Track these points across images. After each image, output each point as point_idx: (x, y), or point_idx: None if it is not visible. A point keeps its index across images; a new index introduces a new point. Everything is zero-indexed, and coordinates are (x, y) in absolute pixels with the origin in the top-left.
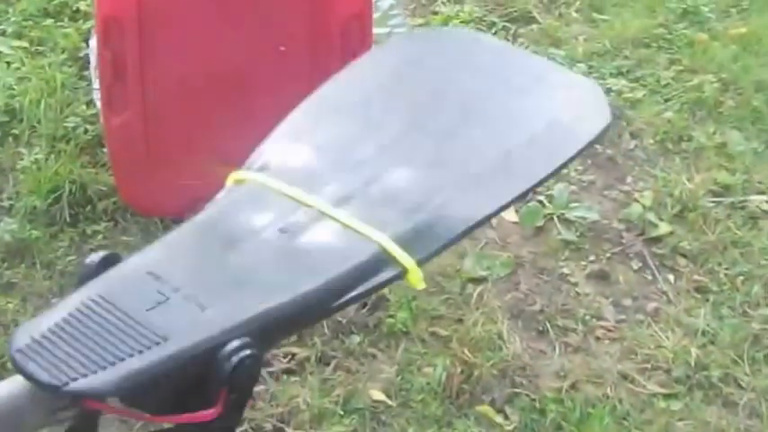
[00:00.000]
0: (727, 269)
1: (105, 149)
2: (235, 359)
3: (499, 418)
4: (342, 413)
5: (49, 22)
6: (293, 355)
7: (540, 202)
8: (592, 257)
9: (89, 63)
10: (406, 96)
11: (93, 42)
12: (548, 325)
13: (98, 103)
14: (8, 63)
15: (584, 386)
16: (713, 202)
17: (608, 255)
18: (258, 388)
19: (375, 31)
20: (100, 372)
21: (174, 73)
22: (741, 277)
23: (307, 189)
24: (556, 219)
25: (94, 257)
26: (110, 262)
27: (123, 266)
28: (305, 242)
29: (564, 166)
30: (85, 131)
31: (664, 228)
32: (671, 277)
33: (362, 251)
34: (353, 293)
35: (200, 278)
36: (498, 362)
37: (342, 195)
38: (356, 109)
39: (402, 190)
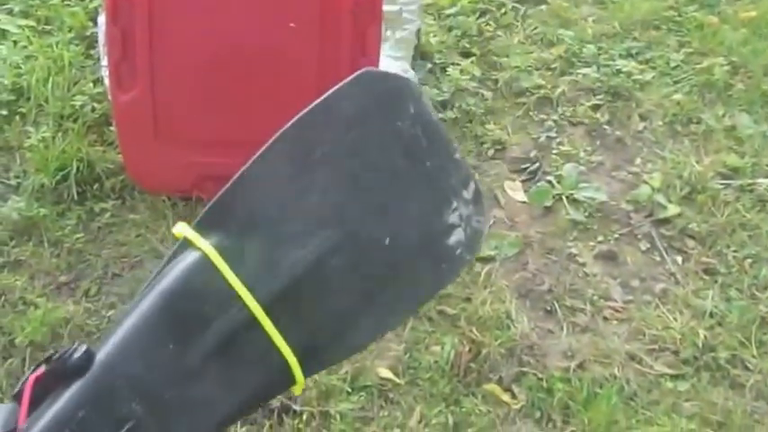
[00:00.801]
0: (735, 251)
1: (113, 128)
2: None
3: (506, 397)
4: (349, 390)
5: (56, 1)
6: None
7: (549, 182)
8: (600, 238)
9: (96, 42)
10: (342, 171)
11: (102, 19)
12: (556, 305)
13: (106, 81)
14: (15, 42)
15: (591, 366)
16: (722, 184)
17: (616, 236)
18: None
19: (385, 8)
20: None
21: (182, 50)
22: (749, 260)
23: (249, 279)
24: (564, 199)
25: (75, 355)
26: (88, 359)
27: (97, 377)
28: (235, 355)
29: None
30: (93, 110)
31: (672, 209)
32: (679, 259)
33: (276, 372)
34: (251, 407)
35: (154, 399)
36: (506, 341)
37: (274, 295)
38: (313, 179)
39: (316, 305)
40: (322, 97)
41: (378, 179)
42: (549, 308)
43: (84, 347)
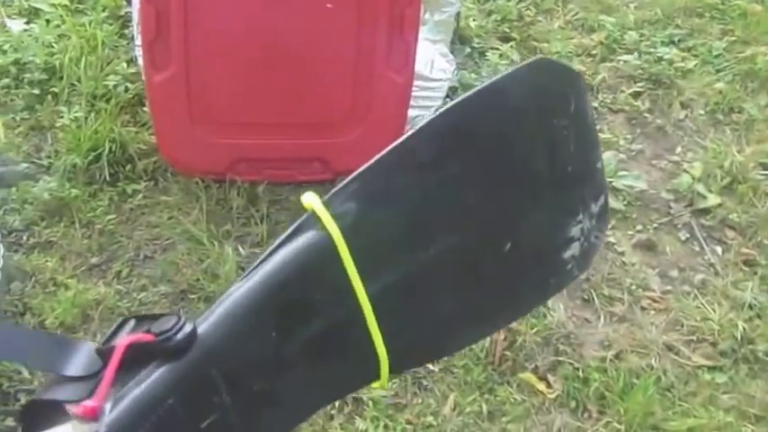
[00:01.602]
0: None
1: (146, 108)
2: None
3: (542, 386)
4: None
5: None
6: None
7: None
8: (639, 227)
9: (130, 21)
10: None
11: None
12: (593, 294)
13: (140, 61)
14: (48, 21)
15: (628, 356)
16: (763, 174)
17: (655, 225)
18: None
19: None
20: None
21: (218, 29)
22: None
23: (365, 270)
24: None
25: (179, 336)
26: (190, 341)
27: (195, 364)
28: (330, 348)
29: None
30: (126, 90)
31: (712, 199)
32: (719, 249)
33: (364, 368)
34: (328, 402)
35: (244, 391)
36: (542, 329)
37: (384, 291)
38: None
39: (420, 306)
40: (490, 81)
41: (516, 179)
42: (586, 297)
43: (189, 328)
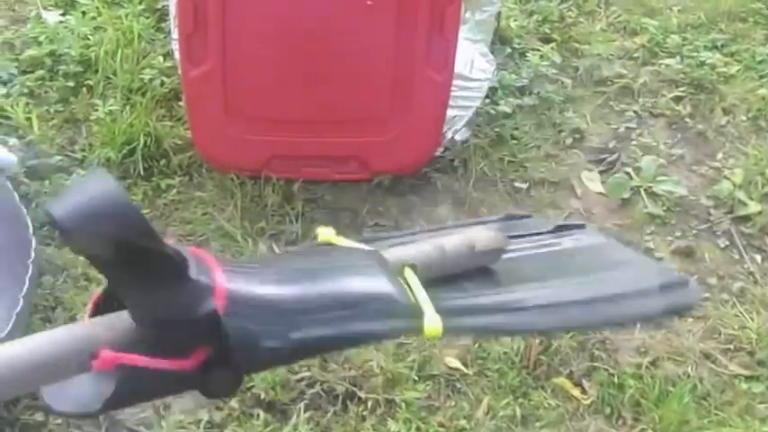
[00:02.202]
0: None
1: (181, 103)
2: None
3: (576, 392)
4: (416, 379)
5: None
6: None
7: (628, 173)
8: (678, 233)
9: (167, 14)
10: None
11: None
12: None
13: (176, 55)
14: (84, 13)
15: (664, 363)
16: None
17: (694, 231)
18: None
19: None
20: None
21: (256, 24)
22: None
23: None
24: (643, 192)
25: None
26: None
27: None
28: None
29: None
30: (162, 84)
31: (753, 207)
32: (758, 257)
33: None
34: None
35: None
36: (578, 334)
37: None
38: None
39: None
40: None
41: None
42: None
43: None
